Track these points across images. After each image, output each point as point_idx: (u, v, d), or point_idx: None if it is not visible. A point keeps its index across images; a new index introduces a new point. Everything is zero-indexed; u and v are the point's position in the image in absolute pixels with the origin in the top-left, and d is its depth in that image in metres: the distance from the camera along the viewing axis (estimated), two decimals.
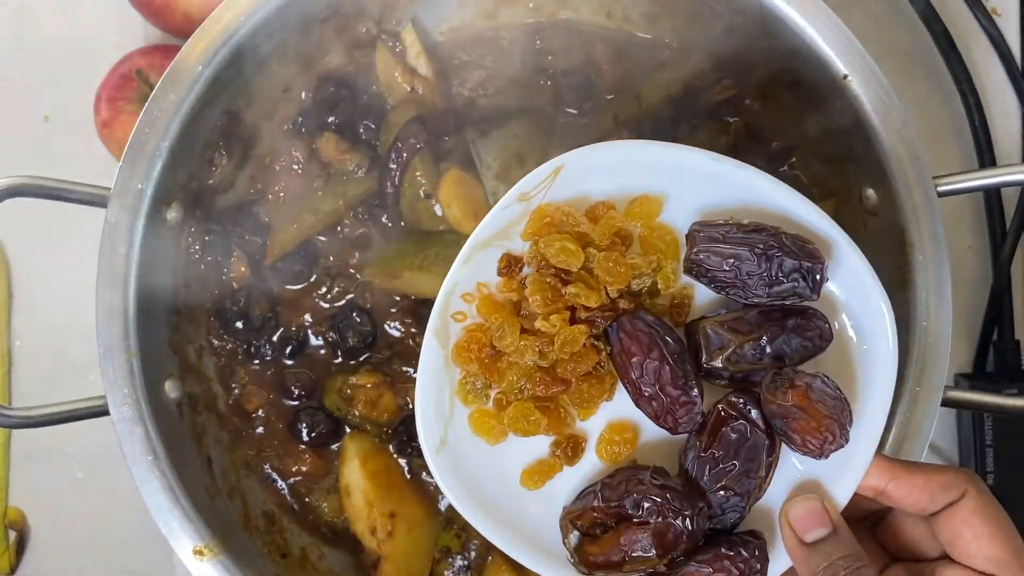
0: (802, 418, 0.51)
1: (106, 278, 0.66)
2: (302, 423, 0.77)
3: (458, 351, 0.56)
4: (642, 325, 0.53)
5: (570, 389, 0.55)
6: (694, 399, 0.53)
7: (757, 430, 0.53)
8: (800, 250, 0.53)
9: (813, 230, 0.56)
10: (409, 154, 0.74)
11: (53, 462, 0.87)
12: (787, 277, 0.53)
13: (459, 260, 0.56)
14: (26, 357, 0.88)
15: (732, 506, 0.54)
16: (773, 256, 0.52)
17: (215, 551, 0.66)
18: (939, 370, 0.65)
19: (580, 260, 0.54)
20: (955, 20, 0.85)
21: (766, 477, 0.54)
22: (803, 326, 0.54)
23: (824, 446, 0.52)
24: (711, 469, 0.53)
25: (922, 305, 0.66)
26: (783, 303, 0.54)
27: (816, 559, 0.51)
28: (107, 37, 0.88)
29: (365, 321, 0.77)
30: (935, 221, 0.65)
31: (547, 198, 0.56)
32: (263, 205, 0.78)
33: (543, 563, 0.56)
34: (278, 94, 0.77)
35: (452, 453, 0.56)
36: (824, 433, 0.51)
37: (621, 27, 0.79)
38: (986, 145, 0.84)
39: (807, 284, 0.53)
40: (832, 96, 0.68)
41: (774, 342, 0.53)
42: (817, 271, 0.53)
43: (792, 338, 0.54)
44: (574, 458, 0.56)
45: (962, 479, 0.52)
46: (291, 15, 0.70)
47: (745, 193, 0.56)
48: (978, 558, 0.51)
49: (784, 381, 0.52)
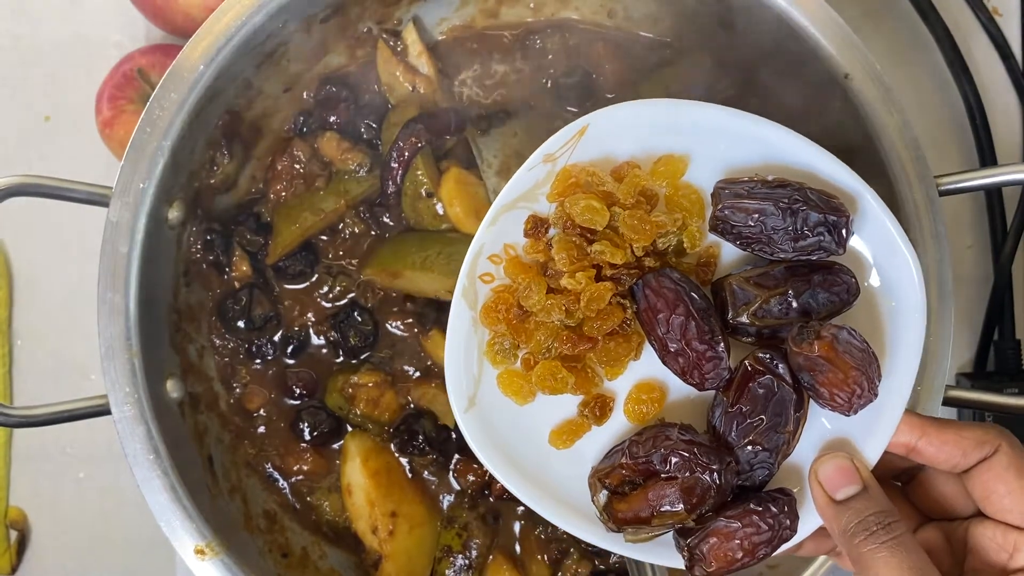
0: (829, 370, 0.51)
1: (107, 277, 0.66)
2: (304, 422, 0.77)
3: (486, 312, 0.56)
4: (668, 282, 0.54)
5: (597, 347, 0.56)
6: (720, 354, 0.53)
7: (784, 384, 0.53)
8: (825, 204, 0.53)
9: (838, 185, 0.56)
10: (410, 153, 0.74)
11: (54, 461, 0.87)
12: (812, 231, 0.53)
13: (485, 221, 0.56)
14: (27, 356, 0.88)
15: (760, 462, 0.53)
16: (798, 210, 0.52)
17: (216, 550, 0.66)
18: (940, 369, 0.65)
19: (605, 218, 0.54)
20: (956, 20, 0.85)
21: (794, 432, 0.54)
22: (829, 281, 0.54)
23: (852, 400, 0.51)
24: (738, 424, 0.53)
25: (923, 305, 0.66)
26: (809, 258, 0.54)
27: (847, 517, 0.51)
28: (109, 37, 0.88)
29: (367, 320, 0.77)
30: (936, 220, 0.65)
31: (572, 159, 0.56)
32: (264, 204, 0.78)
33: (572, 521, 0.56)
34: (279, 93, 0.77)
35: (481, 413, 0.57)
36: (852, 386, 0.51)
37: (622, 27, 0.79)
38: (987, 144, 0.84)
39: (832, 238, 0.53)
40: (832, 95, 0.68)
41: (800, 297, 0.53)
42: (842, 225, 0.53)
43: (818, 292, 0.54)
44: (602, 418, 0.57)
45: (994, 434, 0.52)
46: (292, 15, 0.70)
47: (769, 149, 0.56)
48: (1013, 512, 0.51)
49: (810, 333, 0.51)
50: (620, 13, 0.79)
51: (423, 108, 0.76)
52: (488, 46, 0.80)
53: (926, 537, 0.55)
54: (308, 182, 0.78)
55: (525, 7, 0.80)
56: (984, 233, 0.86)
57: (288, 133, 0.79)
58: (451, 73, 0.80)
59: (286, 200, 0.78)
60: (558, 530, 0.75)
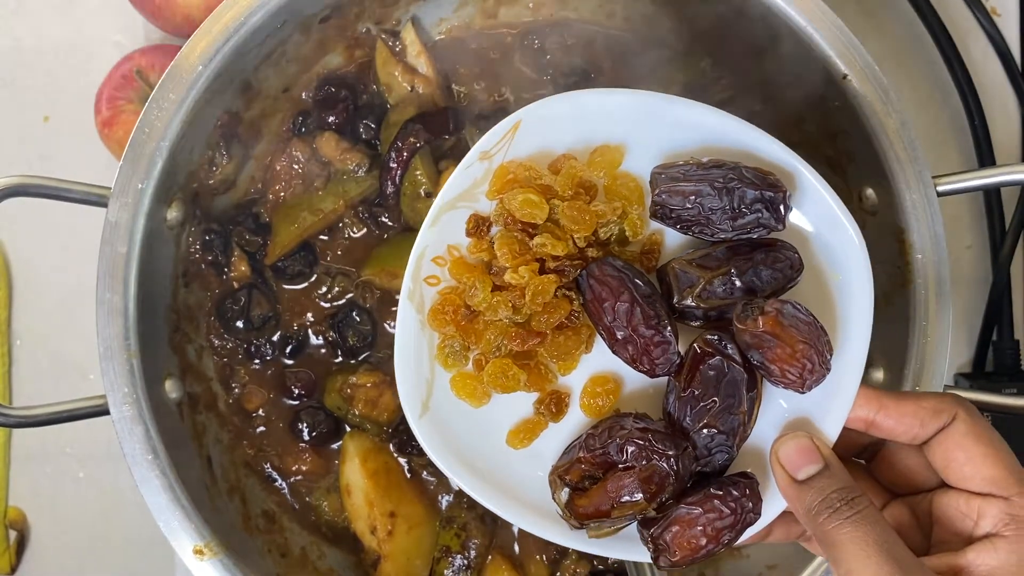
0: (777, 346, 0.51)
1: (106, 278, 0.66)
2: (302, 422, 0.77)
3: (434, 314, 0.56)
4: (611, 270, 0.54)
5: (546, 342, 0.55)
6: (668, 338, 0.53)
7: (734, 364, 0.52)
8: (761, 181, 0.53)
9: (774, 162, 0.56)
10: (409, 153, 0.74)
11: (53, 461, 0.87)
12: (750, 208, 0.53)
13: (426, 222, 0.56)
14: (26, 356, 0.88)
15: (718, 445, 0.53)
16: (734, 189, 0.53)
17: (215, 550, 0.66)
18: (939, 369, 0.65)
19: (545, 212, 0.55)
20: (955, 20, 0.85)
21: (749, 413, 0.54)
22: (772, 257, 0.54)
23: (804, 375, 0.51)
24: (692, 408, 0.53)
25: (922, 305, 0.66)
26: (750, 236, 0.54)
27: (809, 496, 0.50)
28: (108, 37, 0.88)
29: (365, 320, 0.77)
30: (935, 221, 0.65)
31: (509, 155, 0.56)
32: (263, 205, 0.78)
33: (534, 522, 0.55)
34: (278, 94, 0.77)
35: (436, 417, 0.56)
36: (802, 360, 0.51)
37: (620, 27, 0.79)
38: (985, 145, 0.84)
39: (771, 214, 0.53)
40: (832, 96, 0.68)
41: (743, 275, 0.53)
42: (779, 200, 0.53)
43: (761, 270, 0.53)
44: (558, 414, 0.56)
45: (950, 402, 0.51)
46: (291, 15, 0.70)
47: (705, 133, 0.56)
48: (974, 479, 0.50)
49: (754, 309, 0.51)
50: (619, 13, 0.79)
51: (422, 108, 0.76)
52: (487, 46, 0.80)
53: (893, 514, 0.55)
54: (307, 182, 0.78)
55: (524, 7, 0.80)
56: (983, 233, 0.86)
57: (287, 133, 0.79)
58: (450, 73, 0.80)
59: (285, 200, 0.78)
60: None
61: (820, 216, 0.56)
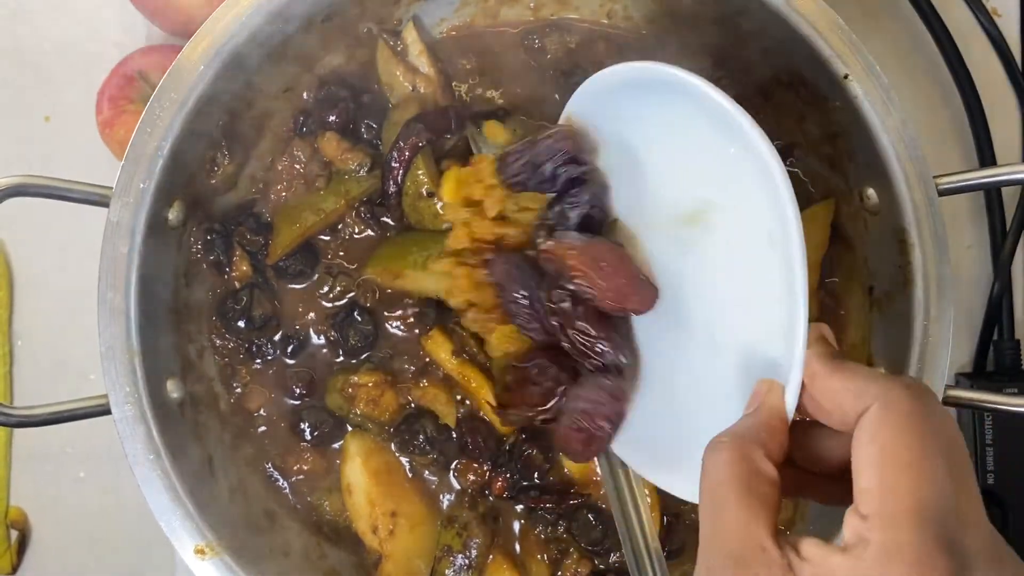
0: (560, 263, 0.63)
1: (108, 277, 0.66)
2: (304, 422, 0.77)
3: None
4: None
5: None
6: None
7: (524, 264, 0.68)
8: (547, 150, 0.66)
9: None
10: (411, 152, 0.74)
11: (55, 461, 0.87)
12: (556, 167, 0.66)
13: None
14: (28, 356, 0.88)
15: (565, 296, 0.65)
16: (543, 159, 0.67)
17: (216, 550, 0.66)
18: (939, 369, 0.65)
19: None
20: (955, 20, 0.85)
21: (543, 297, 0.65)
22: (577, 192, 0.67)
23: (592, 279, 0.62)
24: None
25: (922, 304, 0.66)
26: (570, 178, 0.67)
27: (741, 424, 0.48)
28: (109, 37, 0.89)
29: (366, 320, 0.77)
30: (935, 220, 0.65)
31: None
32: (265, 204, 0.78)
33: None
34: (279, 94, 0.77)
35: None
36: (581, 268, 0.62)
37: (621, 27, 0.80)
38: (986, 144, 0.84)
39: (568, 166, 0.66)
40: (832, 96, 0.68)
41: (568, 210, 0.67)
42: (560, 156, 0.66)
43: (570, 208, 0.67)
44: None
45: (878, 386, 0.43)
46: (292, 15, 0.70)
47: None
48: (855, 484, 0.42)
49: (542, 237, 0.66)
50: (619, 13, 0.79)
51: (423, 107, 0.76)
52: (488, 45, 0.81)
53: None
54: (308, 182, 0.78)
55: (525, 7, 0.80)
56: (983, 233, 0.86)
57: (288, 133, 0.79)
58: (451, 73, 0.80)
59: (286, 200, 0.78)
60: (558, 530, 0.76)
61: (751, 171, 0.53)
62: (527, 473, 0.75)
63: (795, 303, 0.50)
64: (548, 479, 0.76)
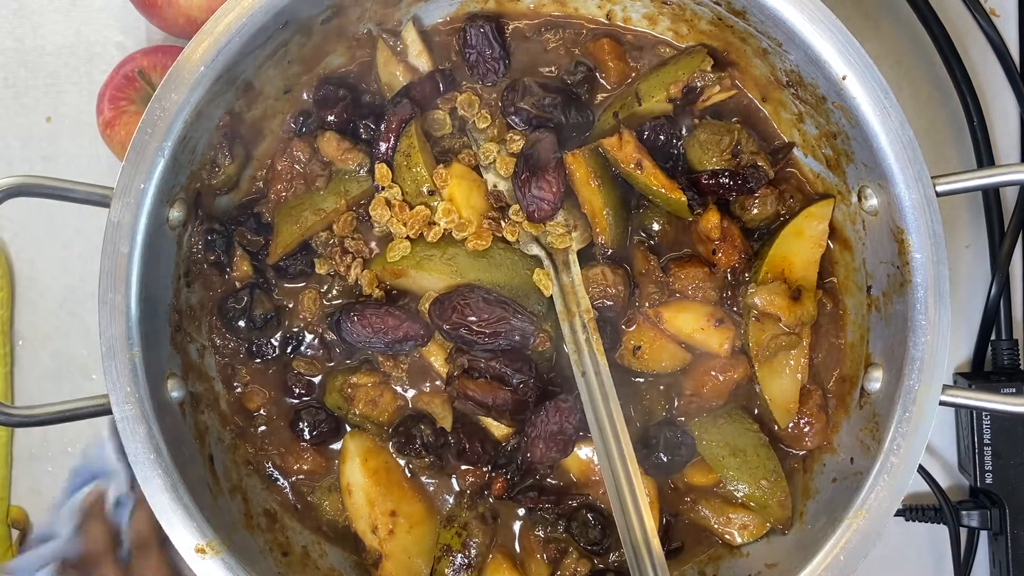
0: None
1: (109, 277, 0.66)
2: (303, 421, 0.77)
3: None
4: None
5: None
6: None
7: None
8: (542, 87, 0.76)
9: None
10: (398, 125, 0.74)
11: (55, 461, 0.87)
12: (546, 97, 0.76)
13: None
14: (29, 356, 0.88)
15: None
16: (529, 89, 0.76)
17: (217, 549, 0.66)
18: (938, 369, 0.65)
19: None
20: (954, 21, 0.86)
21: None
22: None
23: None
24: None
25: (921, 304, 0.66)
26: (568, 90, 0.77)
27: None
28: (110, 38, 0.89)
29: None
30: (934, 221, 0.65)
31: None
32: (265, 205, 0.78)
33: None
34: (280, 94, 0.77)
35: None
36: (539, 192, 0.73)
37: (620, 26, 0.80)
38: (984, 145, 0.84)
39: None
40: (832, 96, 0.68)
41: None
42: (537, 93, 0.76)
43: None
44: None
45: None
46: (293, 16, 0.70)
47: None
48: None
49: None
50: (619, 14, 0.79)
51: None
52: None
53: None
54: (308, 182, 0.78)
55: (525, 7, 0.80)
56: (982, 233, 0.86)
57: (288, 134, 0.79)
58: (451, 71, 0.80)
59: (286, 200, 0.78)
60: (557, 530, 0.76)
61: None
62: (526, 473, 0.75)
63: None
64: (547, 479, 0.77)
